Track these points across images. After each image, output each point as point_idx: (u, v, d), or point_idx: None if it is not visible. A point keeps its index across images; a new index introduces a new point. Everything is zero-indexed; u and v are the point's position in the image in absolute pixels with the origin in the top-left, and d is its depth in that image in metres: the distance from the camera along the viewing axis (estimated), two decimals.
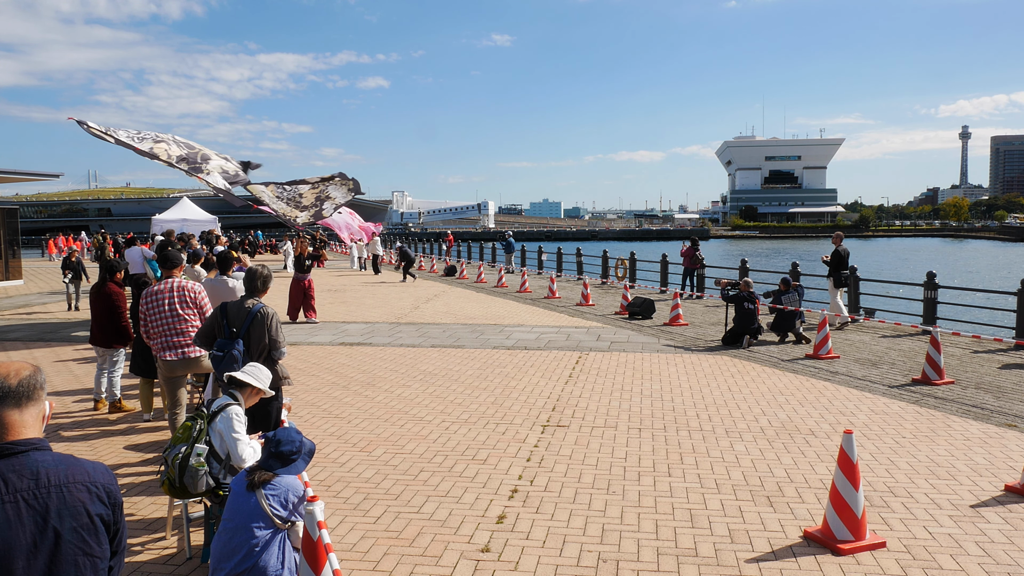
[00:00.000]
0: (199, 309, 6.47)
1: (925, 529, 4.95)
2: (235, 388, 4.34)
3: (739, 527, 4.98)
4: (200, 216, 33.78)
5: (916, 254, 68.49)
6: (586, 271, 26.50)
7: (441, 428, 7.28)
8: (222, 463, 4.14)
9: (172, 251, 6.87)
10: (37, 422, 2.09)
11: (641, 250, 26.53)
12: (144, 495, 5.63)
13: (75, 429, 7.43)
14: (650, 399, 8.39)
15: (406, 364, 10.49)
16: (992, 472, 6.01)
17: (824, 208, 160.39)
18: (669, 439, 6.91)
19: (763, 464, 6.22)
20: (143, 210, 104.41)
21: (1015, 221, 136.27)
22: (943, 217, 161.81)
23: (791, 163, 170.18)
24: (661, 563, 4.48)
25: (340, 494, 5.57)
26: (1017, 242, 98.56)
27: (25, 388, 2.06)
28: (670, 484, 5.77)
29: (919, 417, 7.64)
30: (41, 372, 2.13)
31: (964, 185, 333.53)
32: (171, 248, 8.11)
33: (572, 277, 25.90)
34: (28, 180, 28.34)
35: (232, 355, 5.22)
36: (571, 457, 6.41)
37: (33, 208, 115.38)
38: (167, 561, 4.54)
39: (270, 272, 5.84)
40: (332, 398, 8.54)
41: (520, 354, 11.18)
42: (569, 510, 5.28)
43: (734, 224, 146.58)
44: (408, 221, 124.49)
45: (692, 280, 19.73)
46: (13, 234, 24.80)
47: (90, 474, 2.10)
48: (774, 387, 8.98)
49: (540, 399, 8.41)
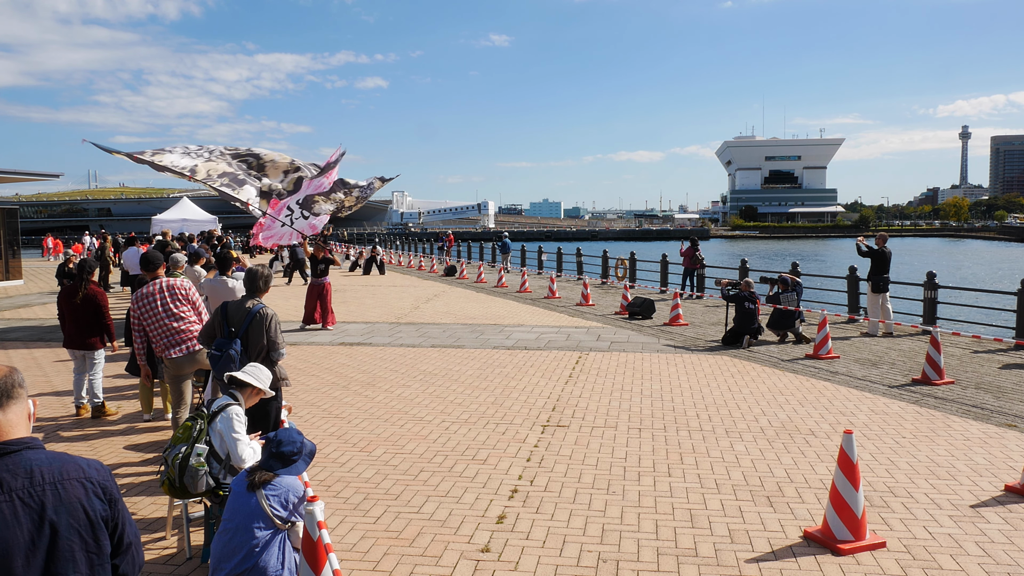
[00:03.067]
0: (192, 304, 6.48)
1: (925, 529, 4.95)
2: (235, 388, 4.35)
3: (739, 527, 4.98)
4: (200, 216, 33.81)
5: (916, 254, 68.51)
6: (586, 271, 26.50)
7: (441, 428, 7.28)
8: (222, 463, 4.14)
9: (152, 252, 6.90)
10: (24, 421, 2.09)
11: (641, 250, 26.52)
12: (144, 495, 5.63)
13: (75, 429, 7.43)
14: (650, 399, 8.39)
15: (406, 364, 10.49)
16: (992, 472, 6.01)
17: (824, 208, 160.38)
18: (669, 439, 6.91)
19: (763, 464, 6.22)
20: (143, 210, 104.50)
21: (1015, 221, 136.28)
22: (943, 217, 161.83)
23: (791, 163, 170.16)
24: (661, 563, 4.48)
25: (340, 494, 5.58)
26: (1017, 242, 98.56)
27: (4, 388, 2.05)
28: (670, 484, 5.77)
29: (919, 417, 7.64)
30: (18, 371, 2.12)
31: (964, 185, 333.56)
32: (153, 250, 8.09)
33: (572, 277, 25.89)
34: (28, 180, 28.34)
35: (229, 355, 5.22)
36: (571, 457, 6.41)
37: (33, 208, 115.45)
38: (167, 561, 4.54)
39: (271, 272, 5.86)
40: (332, 398, 8.54)
41: (520, 354, 11.18)
42: (569, 510, 5.28)
43: (734, 224, 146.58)
44: (408, 221, 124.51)
45: (692, 280, 19.75)
46: (13, 234, 24.79)
47: (84, 470, 2.10)
48: (774, 387, 8.98)
49: (540, 399, 8.41)
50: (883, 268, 12.92)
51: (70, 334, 7.75)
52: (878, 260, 12.92)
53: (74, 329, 7.71)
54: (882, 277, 12.92)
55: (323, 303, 14.03)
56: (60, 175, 28.40)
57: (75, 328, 7.70)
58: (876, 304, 13.07)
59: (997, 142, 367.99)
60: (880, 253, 12.92)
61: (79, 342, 7.71)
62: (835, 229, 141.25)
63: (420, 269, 30.68)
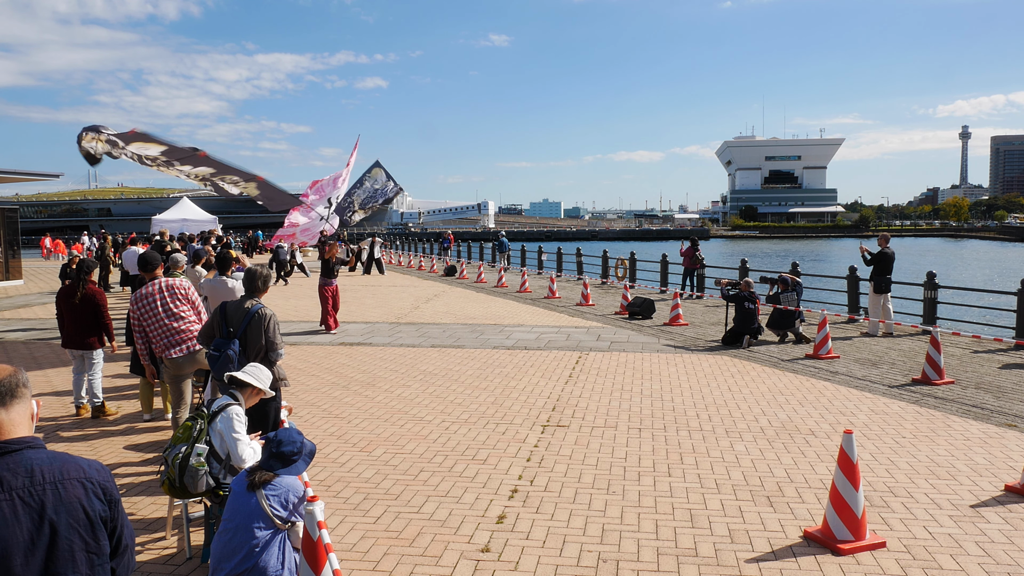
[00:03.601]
0: (191, 303, 6.48)
1: (925, 529, 4.95)
2: (235, 388, 4.34)
3: (739, 527, 4.98)
4: (200, 216, 33.84)
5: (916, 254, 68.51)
6: (586, 271, 26.49)
7: (441, 428, 7.28)
8: (222, 463, 4.14)
9: (150, 253, 6.90)
10: (26, 421, 2.09)
11: (641, 250, 26.53)
12: (144, 495, 5.63)
13: (75, 429, 7.43)
14: (650, 399, 8.39)
15: (406, 364, 10.49)
16: (992, 472, 6.01)
17: (824, 208, 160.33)
18: (669, 439, 6.91)
19: (763, 464, 6.22)
20: (143, 210, 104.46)
21: (1015, 221, 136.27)
22: (943, 217, 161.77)
23: (791, 163, 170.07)
24: (661, 563, 4.48)
25: (340, 494, 5.57)
26: (1017, 242, 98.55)
27: (7, 387, 2.05)
28: (670, 484, 5.77)
29: (919, 417, 7.64)
30: (22, 371, 2.13)
31: (964, 185, 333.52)
32: (151, 251, 8.09)
33: (572, 277, 25.89)
34: (28, 180, 28.33)
35: (228, 355, 5.22)
36: (571, 457, 6.41)
37: (33, 208, 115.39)
38: (167, 561, 4.54)
39: (270, 272, 5.86)
40: (332, 398, 8.54)
41: (520, 354, 11.17)
42: (569, 510, 5.27)
43: (734, 224, 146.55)
44: (408, 221, 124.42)
45: (692, 280, 19.74)
46: (13, 234, 24.80)
47: (85, 470, 2.10)
48: (774, 387, 8.98)
49: (540, 399, 8.41)
50: (886, 269, 12.85)
51: (69, 334, 7.74)
52: (881, 261, 12.87)
53: (73, 329, 7.70)
54: (884, 278, 12.86)
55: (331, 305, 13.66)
56: (60, 175, 28.37)
57: (74, 328, 7.69)
58: (877, 304, 13.02)
59: (997, 142, 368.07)
60: (883, 254, 12.87)
61: (78, 342, 7.70)
62: (835, 229, 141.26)
63: (420, 269, 30.69)
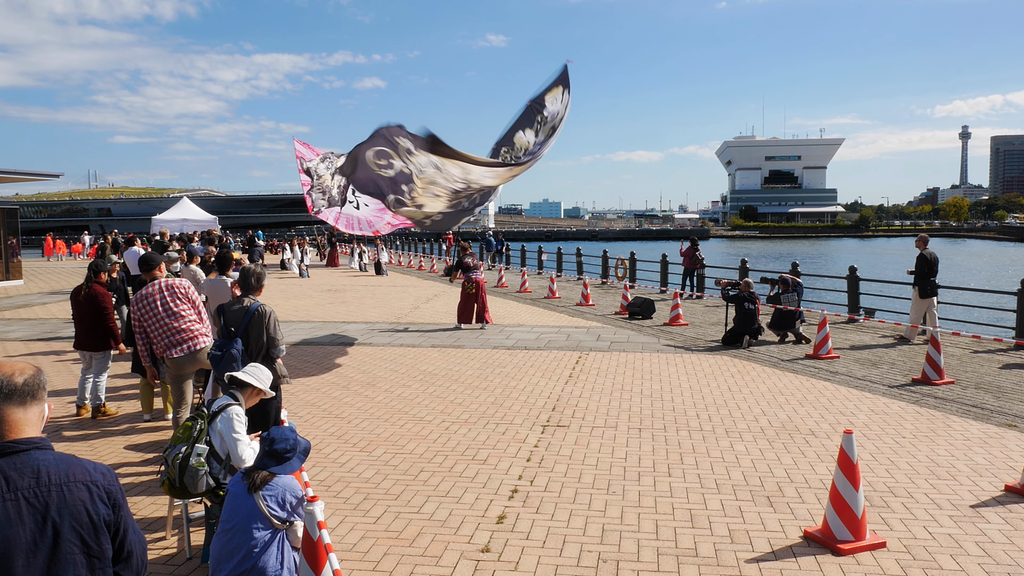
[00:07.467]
0: (191, 303, 6.48)
1: (925, 529, 4.95)
2: (236, 388, 4.34)
3: (739, 527, 4.98)
4: (200, 216, 33.85)
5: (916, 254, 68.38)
6: (586, 271, 26.49)
7: (441, 428, 7.28)
8: (222, 463, 4.14)
9: (150, 253, 6.92)
10: (38, 421, 2.11)
11: (641, 250, 26.52)
12: (144, 495, 5.62)
13: (75, 429, 7.43)
14: (650, 399, 8.39)
15: (406, 364, 10.48)
16: (992, 472, 6.00)
17: (824, 208, 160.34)
18: (669, 439, 6.91)
19: (763, 464, 6.21)
20: (143, 210, 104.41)
21: (1015, 221, 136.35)
22: (943, 217, 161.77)
23: (791, 163, 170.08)
24: (661, 563, 4.48)
25: (340, 494, 5.57)
26: (1017, 242, 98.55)
27: (30, 387, 2.08)
28: (670, 484, 5.77)
29: (919, 417, 7.64)
30: (43, 373, 2.17)
31: (964, 185, 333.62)
32: (151, 251, 8.12)
33: (572, 277, 25.88)
34: (28, 180, 28.34)
35: (231, 354, 5.22)
36: (571, 457, 6.41)
37: (33, 208, 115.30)
38: (167, 561, 4.54)
39: (264, 270, 5.87)
40: (332, 398, 8.54)
41: (520, 354, 11.17)
42: (569, 510, 5.27)
43: (734, 224, 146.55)
44: None
45: (692, 280, 19.73)
46: (13, 234, 24.80)
47: (91, 473, 2.11)
48: (774, 387, 8.97)
49: (540, 399, 8.41)
50: (930, 272, 11.92)
51: (78, 334, 7.86)
52: (923, 264, 11.97)
53: (81, 329, 7.82)
54: (929, 281, 11.91)
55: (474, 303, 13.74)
56: (60, 175, 28.41)
57: (81, 328, 7.81)
58: (921, 309, 12.06)
59: (997, 142, 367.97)
60: (922, 257, 11.98)
61: (84, 342, 7.80)
62: (835, 229, 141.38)
63: (420, 269, 30.68)
